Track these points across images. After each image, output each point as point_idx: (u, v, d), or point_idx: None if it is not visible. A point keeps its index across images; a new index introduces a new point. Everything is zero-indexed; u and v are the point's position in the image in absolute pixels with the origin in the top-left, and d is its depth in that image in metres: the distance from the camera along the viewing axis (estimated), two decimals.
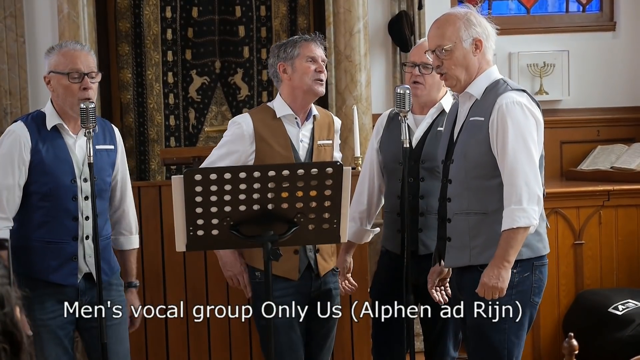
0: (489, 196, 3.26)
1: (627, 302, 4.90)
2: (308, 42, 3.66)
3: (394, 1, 5.66)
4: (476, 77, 3.34)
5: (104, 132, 3.60)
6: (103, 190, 3.53)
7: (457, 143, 3.37)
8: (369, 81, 5.46)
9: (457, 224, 3.34)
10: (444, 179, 3.42)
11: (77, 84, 3.44)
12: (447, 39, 3.32)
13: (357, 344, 4.33)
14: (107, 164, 3.56)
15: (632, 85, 5.89)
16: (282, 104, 3.66)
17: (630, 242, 5.25)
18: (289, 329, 3.63)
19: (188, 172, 3.03)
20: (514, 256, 3.18)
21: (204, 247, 3.38)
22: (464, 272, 3.33)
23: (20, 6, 5.43)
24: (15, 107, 5.45)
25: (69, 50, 3.48)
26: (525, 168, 3.18)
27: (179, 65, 5.94)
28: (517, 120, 3.21)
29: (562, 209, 5.09)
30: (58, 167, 3.46)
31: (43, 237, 3.45)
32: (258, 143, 3.58)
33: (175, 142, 5.94)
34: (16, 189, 3.44)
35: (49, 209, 3.45)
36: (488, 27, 3.37)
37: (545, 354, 5.12)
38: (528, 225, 3.16)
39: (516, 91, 3.29)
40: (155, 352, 4.28)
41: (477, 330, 3.31)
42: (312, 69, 3.63)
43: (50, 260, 3.45)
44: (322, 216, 3.15)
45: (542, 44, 5.90)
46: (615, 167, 5.53)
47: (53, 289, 3.47)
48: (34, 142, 3.45)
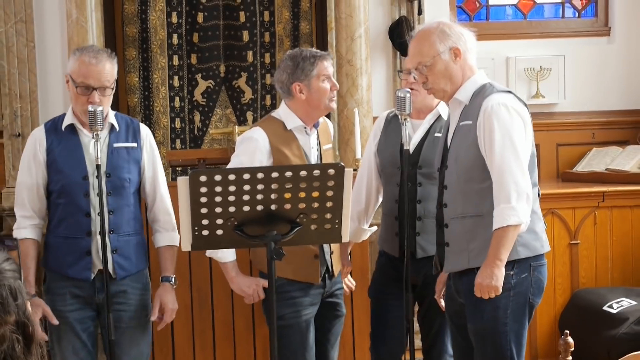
0: (482, 199, 3.24)
1: (622, 300, 4.90)
2: (322, 60, 3.60)
3: (395, 7, 5.66)
4: (463, 84, 3.33)
5: (127, 130, 3.60)
6: (120, 187, 3.54)
7: (450, 149, 3.35)
8: (369, 85, 5.46)
9: (454, 228, 3.32)
10: (440, 185, 3.40)
11: (84, 96, 3.45)
12: (426, 55, 3.31)
13: (358, 341, 4.34)
14: (125, 162, 3.56)
15: (626, 89, 5.89)
16: (292, 115, 3.61)
17: (625, 242, 5.24)
18: (306, 331, 3.63)
19: (193, 173, 3.03)
20: (506, 254, 3.15)
21: (209, 247, 3.37)
22: (462, 276, 3.31)
23: (30, 12, 5.43)
24: (25, 110, 5.44)
25: (84, 61, 3.45)
26: (512, 167, 3.15)
27: (185, 69, 5.93)
28: (502, 120, 3.19)
29: (558, 210, 5.09)
30: (70, 165, 3.49)
31: (61, 233, 3.52)
32: (275, 155, 3.55)
33: (180, 144, 5.93)
34: (36, 188, 3.52)
35: (64, 205, 3.50)
36: (464, 33, 3.34)
37: (541, 351, 5.12)
38: (518, 223, 3.13)
39: (501, 93, 3.28)
40: (161, 348, 4.28)
41: (480, 333, 3.29)
42: (329, 89, 3.60)
43: (67, 255, 3.50)
44: (324, 216, 3.15)
45: (538, 48, 5.90)
46: (610, 168, 5.52)
47: (72, 283, 3.51)
48: (49, 142, 3.51)
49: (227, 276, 3.66)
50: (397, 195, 3.78)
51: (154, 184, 3.65)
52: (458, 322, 3.44)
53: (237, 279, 3.64)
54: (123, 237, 3.55)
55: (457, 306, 3.40)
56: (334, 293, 3.74)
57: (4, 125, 5.46)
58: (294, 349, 3.57)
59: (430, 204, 3.68)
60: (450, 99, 3.36)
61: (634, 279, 5.24)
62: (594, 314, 4.90)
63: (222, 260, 3.62)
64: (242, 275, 3.66)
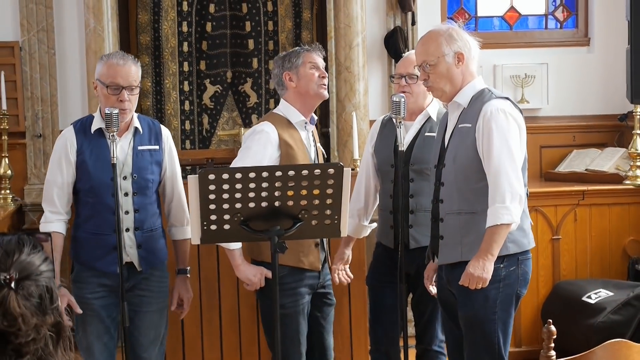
0: (477, 197, 3.25)
1: (599, 291, 4.90)
2: (309, 51, 3.63)
3: (390, 17, 5.65)
4: (462, 88, 3.32)
5: (150, 133, 3.61)
6: (145, 187, 3.56)
7: (448, 148, 3.35)
8: (366, 90, 5.46)
9: (449, 223, 3.32)
10: (437, 182, 3.40)
11: (115, 96, 3.46)
12: (431, 55, 3.31)
13: (355, 329, 4.33)
14: (149, 163, 3.57)
15: (605, 96, 5.88)
16: (292, 110, 3.61)
17: (603, 238, 5.24)
18: (302, 319, 3.64)
19: (203, 172, 3.03)
20: (497, 250, 3.16)
21: (217, 241, 3.37)
22: (455, 267, 3.31)
23: (51, 21, 5.43)
24: (46, 113, 5.44)
25: (112, 63, 3.48)
26: (508, 170, 3.16)
27: (194, 75, 5.93)
28: (500, 126, 3.19)
29: (542, 207, 5.09)
30: (99, 167, 3.49)
31: (90, 229, 3.53)
32: (282, 147, 3.54)
33: (190, 145, 5.93)
34: (65, 186, 3.52)
35: (93, 204, 3.52)
36: (470, 41, 3.35)
37: (525, 338, 5.12)
38: (510, 222, 3.15)
39: (500, 99, 3.28)
40: (171, 335, 4.27)
41: (471, 321, 3.30)
42: (316, 75, 3.61)
43: (95, 250, 3.52)
44: (324, 212, 3.15)
45: (523, 57, 5.89)
46: (590, 169, 5.52)
47: (99, 274, 3.53)
48: (79, 144, 3.51)
49: (233, 263, 3.63)
50: (391, 191, 3.80)
51: (173, 183, 3.68)
52: (449, 310, 3.45)
53: (242, 267, 3.63)
54: (147, 233, 3.58)
55: (448, 295, 3.41)
56: (324, 284, 3.75)
57: (26, 127, 5.46)
58: (292, 336, 3.57)
59: (422, 199, 3.70)
60: (448, 99, 3.36)
61: (611, 271, 5.24)
62: (574, 304, 4.90)
63: (230, 247, 3.62)
64: (247, 264, 3.64)
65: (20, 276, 1.68)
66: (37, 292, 1.69)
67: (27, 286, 1.68)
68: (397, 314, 3.69)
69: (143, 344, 3.61)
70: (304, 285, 3.60)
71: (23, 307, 1.66)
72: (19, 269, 1.68)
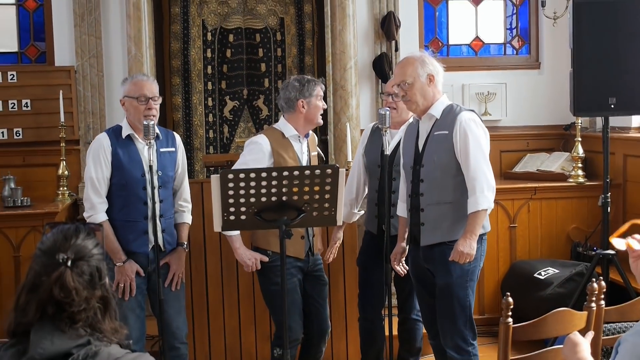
0: (453, 190, 3.31)
1: (548, 269, 4.90)
2: (319, 84, 3.65)
3: (377, 45, 5.65)
4: (434, 103, 3.36)
5: (167, 138, 3.64)
6: (167, 182, 3.58)
7: (426, 152, 3.37)
8: (358, 104, 5.46)
9: (429, 212, 3.35)
10: (415, 179, 3.41)
11: (144, 105, 3.46)
12: (408, 76, 3.35)
13: (349, 301, 4.33)
14: (169, 162, 3.60)
15: (553, 109, 5.89)
16: (288, 126, 3.61)
17: (551, 226, 5.25)
18: (294, 292, 3.64)
19: (223, 172, 3.04)
20: (479, 230, 3.24)
21: (235, 228, 3.38)
22: (434, 247, 3.35)
23: (100, 49, 5.44)
24: (96, 124, 5.46)
25: (138, 80, 3.53)
26: (483, 166, 3.25)
27: (217, 93, 5.93)
28: (473, 132, 3.27)
29: (501, 201, 5.08)
30: (131, 165, 3.49)
31: (123, 217, 3.52)
32: (274, 156, 3.55)
33: (213, 150, 5.93)
34: (106, 180, 3.51)
35: (125, 196, 3.51)
36: (437, 66, 3.41)
37: (488, 308, 5.12)
38: (488, 207, 3.24)
39: (468, 111, 3.36)
40: (198, 307, 4.28)
41: (449, 288, 3.34)
42: (321, 107, 3.62)
43: (128, 234, 3.52)
44: (323, 205, 3.15)
45: (486, 78, 5.90)
46: (540, 169, 5.53)
47: (131, 257, 3.53)
48: (113, 146, 3.52)
49: (232, 247, 3.63)
50: (377, 187, 3.81)
51: (182, 178, 3.71)
52: (423, 283, 3.47)
53: (240, 251, 3.62)
54: (168, 220, 3.59)
55: (423, 271, 3.44)
56: (316, 268, 3.75)
57: (80, 135, 5.47)
58: (288, 306, 3.56)
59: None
60: (421, 113, 3.39)
61: (557, 253, 5.25)
62: (527, 279, 4.90)
63: (229, 234, 3.60)
64: (244, 248, 3.63)
65: (75, 257, 1.69)
66: (89, 271, 1.70)
67: (81, 265, 1.69)
68: (382, 289, 3.70)
69: (171, 314, 3.60)
70: (292, 267, 3.60)
71: (77, 282, 1.67)
72: (75, 251, 1.69)
